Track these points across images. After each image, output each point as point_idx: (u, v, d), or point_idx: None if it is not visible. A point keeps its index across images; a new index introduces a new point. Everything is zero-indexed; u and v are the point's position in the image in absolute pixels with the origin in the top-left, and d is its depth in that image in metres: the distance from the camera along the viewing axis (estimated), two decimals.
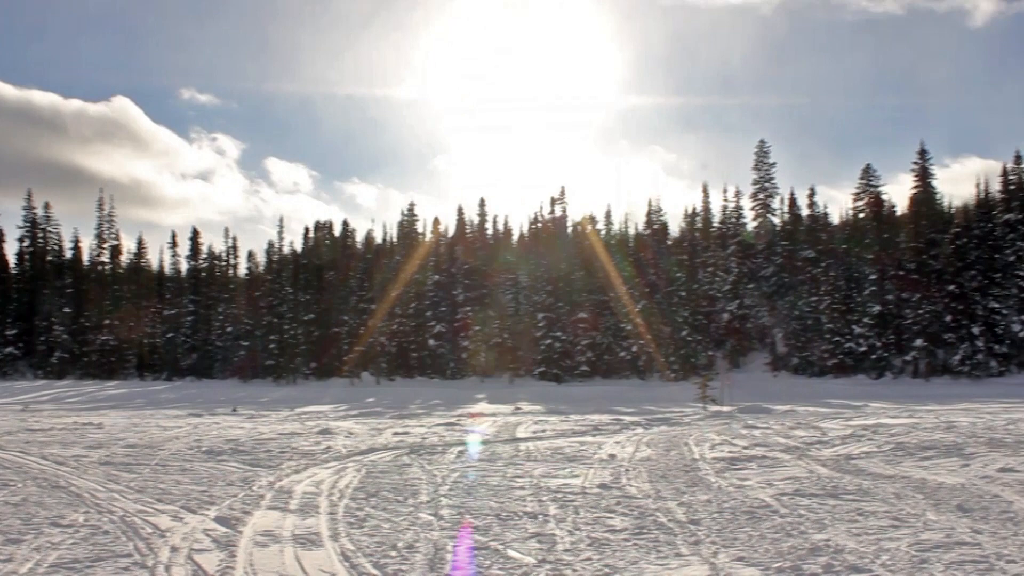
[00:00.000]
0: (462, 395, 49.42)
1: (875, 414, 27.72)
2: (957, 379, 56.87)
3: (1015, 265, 60.03)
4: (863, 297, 62.47)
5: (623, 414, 30.18)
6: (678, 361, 61.85)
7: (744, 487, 11.42)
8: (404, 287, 69.44)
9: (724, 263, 69.05)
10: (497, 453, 16.28)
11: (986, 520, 8.83)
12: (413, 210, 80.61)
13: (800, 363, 62.61)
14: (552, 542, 8.13)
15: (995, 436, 17.50)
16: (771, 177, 74.47)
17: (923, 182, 70.59)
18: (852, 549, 7.55)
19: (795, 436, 18.62)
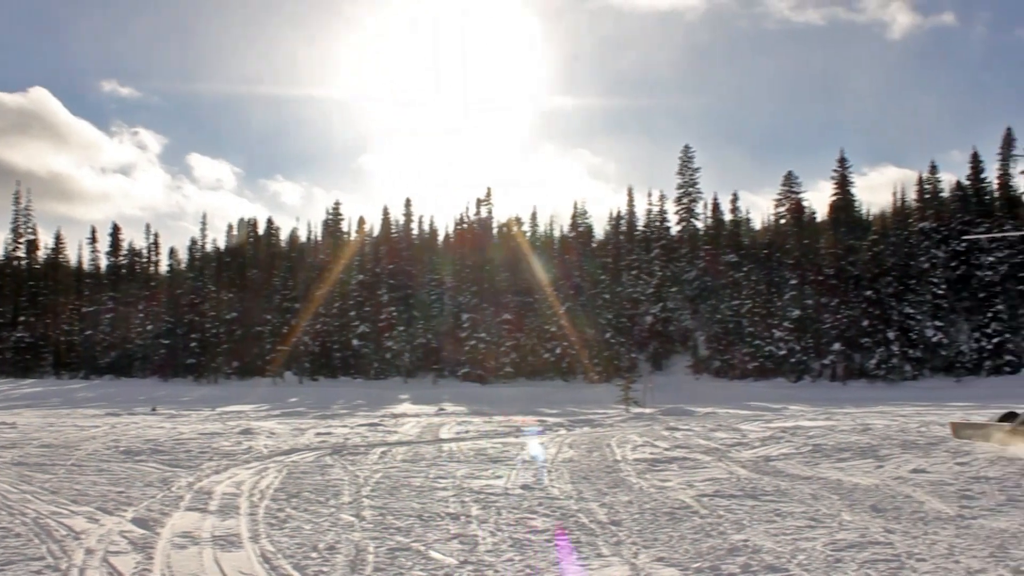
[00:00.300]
0: (385, 395, 49.24)
1: (794, 417, 28.15)
2: (873, 383, 57.99)
3: (929, 272, 61.43)
4: (783, 302, 63.44)
5: (546, 415, 30.29)
6: (601, 363, 62.19)
7: (665, 488, 11.52)
8: (328, 287, 68.96)
9: (648, 266, 69.64)
10: (420, 454, 16.24)
11: (898, 520, 9.02)
12: (338, 209, 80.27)
13: (721, 366, 63.34)
14: (474, 543, 8.13)
15: (908, 438, 17.87)
16: (695, 182, 75.35)
17: (842, 190, 72.03)
18: (769, 549, 7.67)
19: (716, 438, 18.84)
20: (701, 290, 68.40)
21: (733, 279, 66.36)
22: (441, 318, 67.95)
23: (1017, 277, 60.66)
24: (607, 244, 77.29)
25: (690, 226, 75.20)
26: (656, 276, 68.61)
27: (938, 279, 61.35)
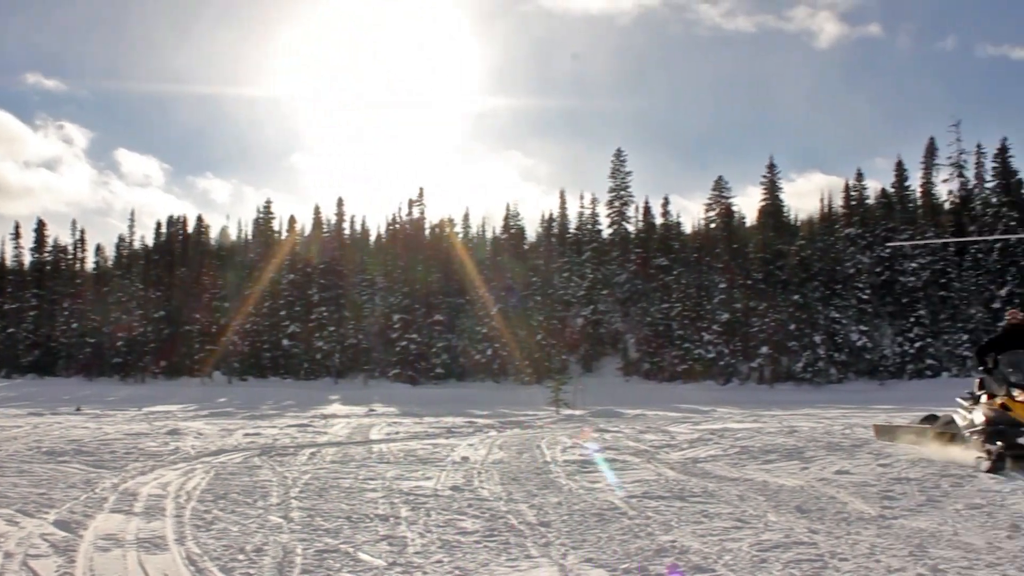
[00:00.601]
0: (316, 396, 48.88)
1: (722, 419, 28.45)
2: (799, 385, 58.87)
3: (855, 277, 62.55)
4: (712, 305, 64.14)
5: (477, 416, 30.30)
6: (532, 365, 62.32)
7: (594, 490, 11.59)
8: (259, 286, 68.29)
9: (579, 269, 69.93)
10: (350, 455, 16.16)
11: (822, 520, 9.16)
12: (269, 208, 79.64)
13: (651, 368, 63.84)
14: (403, 544, 8.11)
15: (833, 440, 18.17)
16: (627, 185, 75.85)
17: (771, 195, 73.01)
18: (697, 550, 7.74)
19: (645, 440, 18.98)
20: (632, 293, 68.88)
21: (663, 282, 66.94)
22: (372, 319, 67.64)
23: (939, 283, 62.01)
24: (539, 246, 77.49)
25: (621, 229, 75.68)
26: (587, 278, 68.93)
27: (863, 284, 62.50)
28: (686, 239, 75.48)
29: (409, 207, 77.26)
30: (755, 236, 69.86)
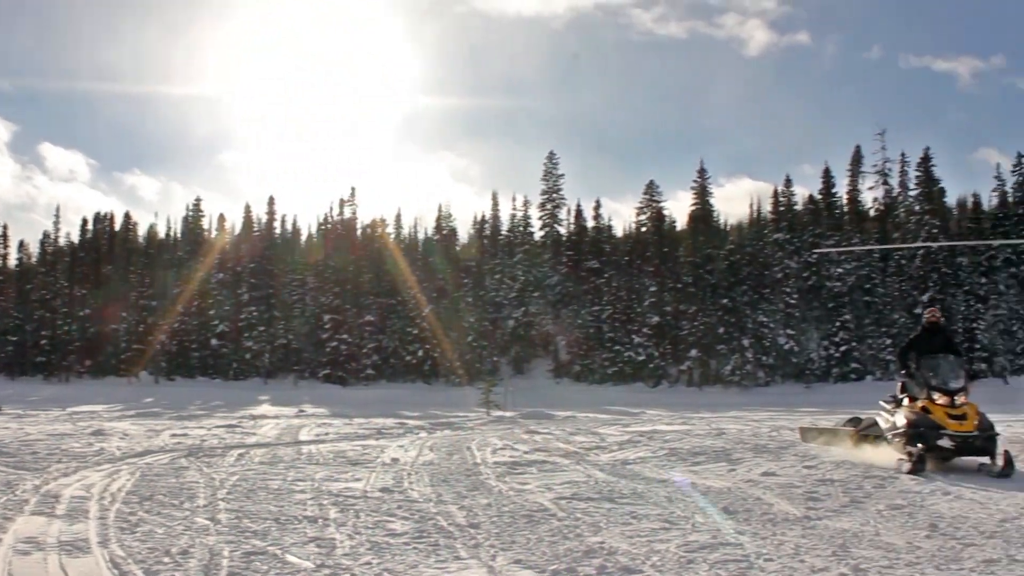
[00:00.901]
0: (244, 396, 48.37)
1: (651, 421, 28.62)
2: (728, 388, 59.55)
3: (782, 282, 63.44)
4: (643, 308, 64.65)
5: (408, 418, 30.19)
6: (464, 366, 62.33)
7: (524, 491, 11.61)
8: (187, 285, 67.38)
9: (511, 271, 70.07)
10: (279, 456, 16.02)
11: (749, 522, 9.28)
12: (199, 206, 78.61)
13: (582, 370, 64.18)
14: (332, 546, 8.06)
15: (760, 442, 18.38)
16: (559, 188, 76.22)
17: (701, 200, 73.76)
18: (625, 551, 7.80)
19: (575, 441, 19.04)
20: (563, 295, 69.19)
21: (595, 285, 67.35)
22: (303, 319, 67.15)
23: (863, 289, 63.14)
24: (471, 247, 77.57)
25: (553, 232, 76.00)
26: (519, 280, 69.09)
27: (791, 289, 63.44)
28: (617, 242, 76.05)
29: (341, 207, 76.90)
30: (685, 240, 70.58)
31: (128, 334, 66.29)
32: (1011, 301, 62.94)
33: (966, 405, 13.55)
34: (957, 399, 13.58)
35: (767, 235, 69.33)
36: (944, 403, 13.54)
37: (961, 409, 13.44)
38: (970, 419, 13.28)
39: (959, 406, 13.49)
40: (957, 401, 13.56)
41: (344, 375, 63.23)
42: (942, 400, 13.57)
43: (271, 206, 77.78)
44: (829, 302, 63.13)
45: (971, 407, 13.53)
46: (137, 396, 47.98)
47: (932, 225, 64.09)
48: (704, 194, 74.23)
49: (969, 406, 13.54)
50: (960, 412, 13.38)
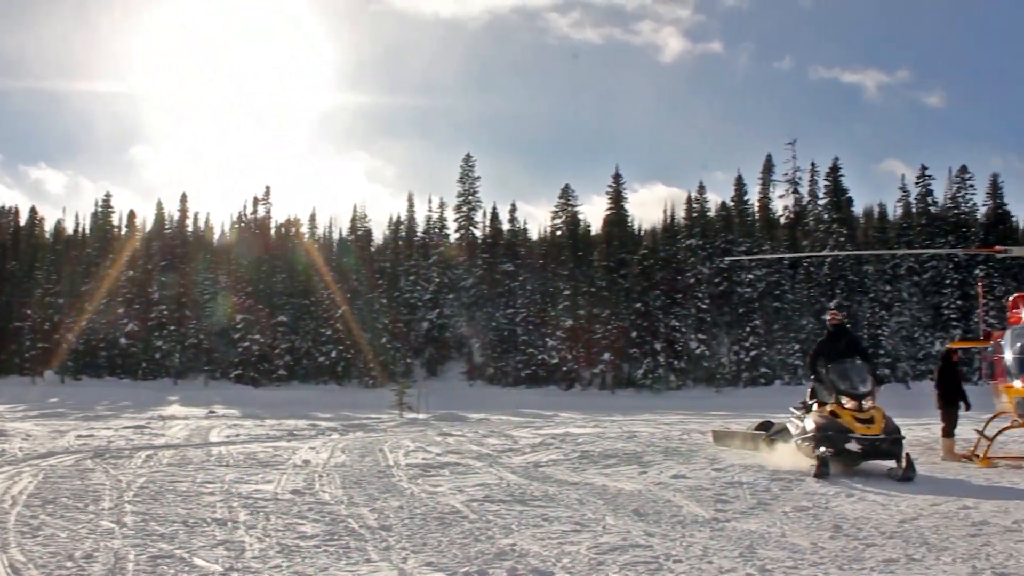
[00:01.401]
0: (154, 397, 47.50)
1: (564, 423, 28.79)
2: (640, 391, 60.09)
3: (695, 287, 64.25)
4: (557, 311, 64.93)
5: (320, 419, 29.96)
6: (377, 368, 62.01)
7: (436, 493, 11.60)
8: (96, 282, 65.93)
9: (426, 272, 69.92)
10: (188, 458, 15.79)
11: (658, 523, 9.39)
12: (109, 202, 76.94)
13: (495, 373, 64.26)
14: (241, 549, 7.97)
15: (671, 445, 18.63)
16: (475, 190, 76.24)
17: (616, 205, 74.42)
18: (536, 553, 7.84)
19: (487, 444, 19.09)
20: (477, 298, 69.19)
21: (509, 288, 67.50)
22: (214, 318, 66.16)
23: (773, 295, 64.24)
24: (386, 248, 77.23)
25: (469, 234, 76.00)
26: (433, 282, 68.98)
27: (702, 294, 64.26)
28: (532, 245, 76.33)
29: (255, 205, 76.04)
30: (600, 244, 71.11)
31: (33, 332, 64.56)
32: (913, 308, 64.61)
33: (873, 409, 13.81)
34: (865, 403, 13.86)
35: (680, 241, 70.18)
36: (852, 407, 13.79)
37: (868, 413, 13.70)
38: (877, 423, 13.55)
39: (866, 410, 13.75)
40: (865, 405, 13.82)
41: (256, 376, 62.44)
42: (850, 404, 13.83)
43: (183, 203, 76.62)
44: (740, 308, 64.14)
45: (878, 411, 13.80)
46: (42, 396, 46.83)
47: (840, 233, 65.52)
48: (619, 199, 74.90)
49: (876, 410, 13.80)
50: (867, 416, 13.64)
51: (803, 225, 72.44)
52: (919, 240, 67.76)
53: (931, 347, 61.69)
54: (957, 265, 65.19)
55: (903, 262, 66.00)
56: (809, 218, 72.63)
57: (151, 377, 63.38)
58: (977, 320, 31.84)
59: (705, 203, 74.05)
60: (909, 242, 67.91)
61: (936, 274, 66.12)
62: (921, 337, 63.41)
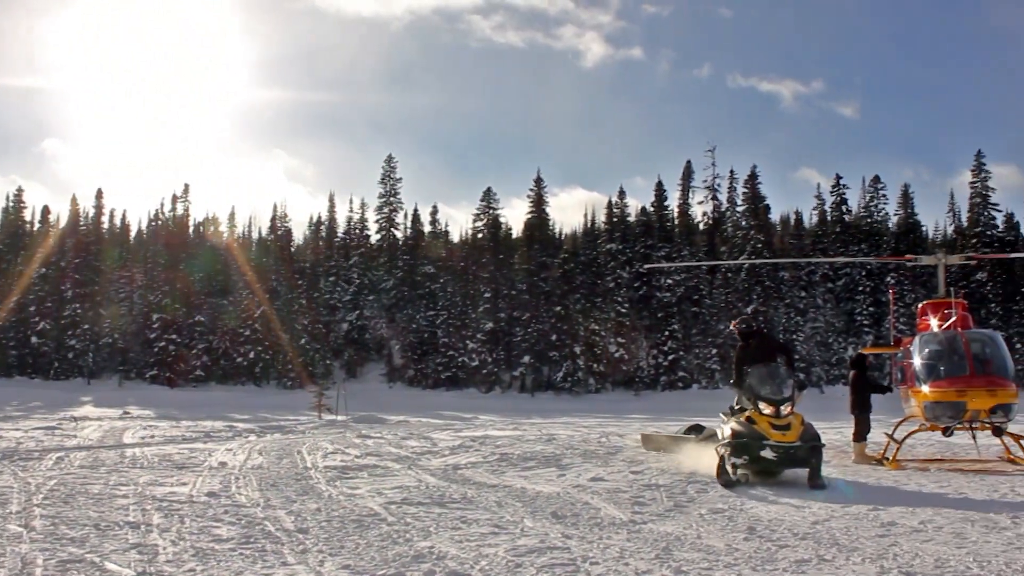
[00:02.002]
0: (66, 397, 46.54)
1: (483, 426, 28.85)
2: (559, 394, 60.41)
3: (614, 291, 64.79)
4: (477, 314, 65.02)
5: (237, 421, 29.64)
6: (296, 369, 61.47)
7: (354, 496, 11.54)
8: (6, 279, 64.38)
9: (346, 274, 69.53)
10: (100, 460, 15.50)
11: (576, 526, 9.44)
12: (20, 197, 75.20)
13: (415, 375, 64.11)
14: (154, 553, 7.85)
15: (589, 448, 18.75)
16: (397, 191, 76.12)
17: (538, 208, 74.72)
18: (454, 555, 7.84)
19: (407, 446, 19.05)
20: (398, 299, 69.01)
21: (430, 290, 67.42)
22: (130, 317, 65.02)
23: (691, 299, 65.00)
24: (306, 249, 76.67)
25: (390, 235, 75.78)
26: (354, 283, 68.65)
27: (622, 298, 64.79)
28: (454, 248, 76.36)
29: (173, 203, 74.97)
30: (521, 248, 71.34)
31: None
32: (828, 315, 65.86)
33: (792, 415, 13.56)
34: (783, 409, 13.58)
35: (600, 245, 70.71)
36: (770, 413, 13.54)
37: (786, 419, 13.46)
38: (794, 429, 13.31)
39: (784, 416, 13.50)
40: (783, 411, 13.56)
41: (172, 376, 61.46)
42: (768, 410, 13.57)
43: (99, 199, 75.17)
44: (659, 312, 64.81)
45: (797, 417, 13.56)
46: None
47: (757, 240, 66.56)
48: (540, 203, 75.26)
49: (795, 416, 13.57)
50: (784, 423, 13.41)
51: (722, 231, 73.49)
52: (834, 247, 69.16)
53: (844, 352, 62.98)
54: (870, 273, 66.60)
55: (818, 269, 67.29)
56: (727, 224, 73.70)
57: (63, 377, 62.08)
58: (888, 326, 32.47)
59: (625, 208, 74.81)
60: (824, 249, 69.31)
61: (849, 281, 67.53)
62: (835, 342, 64.66)
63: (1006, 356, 16.45)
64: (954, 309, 17.25)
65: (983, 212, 70.23)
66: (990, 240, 67.50)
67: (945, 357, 16.36)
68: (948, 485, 13.03)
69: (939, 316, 17.68)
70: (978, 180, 70.78)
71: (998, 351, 16.47)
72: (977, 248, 62.95)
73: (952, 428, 16.14)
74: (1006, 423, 15.87)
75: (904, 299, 57.26)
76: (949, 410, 15.73)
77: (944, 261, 19.73)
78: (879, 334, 61.11)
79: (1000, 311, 63.97)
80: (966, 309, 18.08)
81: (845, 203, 73.74)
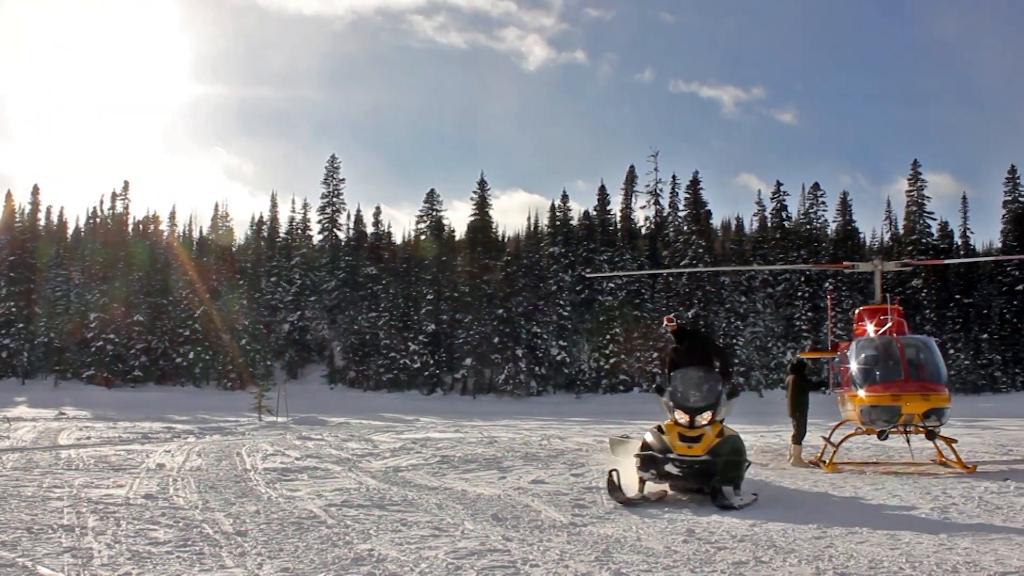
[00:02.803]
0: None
1: (424, 428, 28.82)
2: (501, 397, 60.49)
3: (557, 294, 64.98)
4: (419, 316, 64.86)
5: (176, 422, 29.35)
6: (236, 370, 60.93)
7: (294, 498, 11.48)
8: None
9: (288, 274, 69.03)
10: (34, 461, 15.26)
11: (517, 528, 9.46)
12: None
13: (357, 377, 63.84)
14: (88, 556, 7.74)
15: (530, 451, 18.80)
16: (340, 192, 75.65)
17: (481, 211, 74.74)
18: (394, 558, 7.82)
19: (347, 448, 18.98)
20: (340, 300, 68.67)
21: (372, 291, 67.15)
22: (67, 316, 64.03)
23: (633, 303, 65.36)
24: (248, 249, 76.04)
25: (332, 236, 75.38)
26: (296, 284, 68.17)
27: (564, 301, 65.01)
28: (396, 249, 76.16)
29: (113, 200, 73.89)
30: (463, 250, 71.32)
31: None
32: (767, 320, 66.61)
33: (709, 426, 12.17)
34: (700, 418, 12.22)
35: (544, 248, 70.92)
36: (684, 423, 12.22)
37: (699, 431, 12.09)
38: (705, 442, 11.92)
39: (698, 428, 12.14)
40: (699, 421, 12.20)
41: (109, 376, 60.62)
42: (683, 419, 12.24)
43: (35, 196, 73.69)
44: (600, 315, 65.07)
45: (715, 428, 12.15)
46: None
47: (699, 245, 67.05)
48: (484, 205, 75.31)
49: (713, 427, 12.15)
50: (696, 434, 12.06)
51: (664, 236, 74.03)
52: (774, 253, 70.02)
53: (783, 357, 63.74)
54: (809, 278, 67.43)
55: (758, 274, 67.99)
56: (669, 229, 74.29)
57: None
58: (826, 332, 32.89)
59: (568, 212, 74.99)
60: (764, 255, 70.16)
61: (789, 286, 68.33)
62: (774, 347, 65.38)
63: (939, 362, 16.77)
64: (890, 315, 17.55)
65: (919, 220, 71.45)
66: (925, 248, 68.65)
67: (881, 362, 16.64)
68: (882, 488, 13.23)
69: (875, 322, 17.98)
70: (914, 189, 72.03)
71: (932, 357, 16.78)
72: (913, 255, 63.98)
73: (887, 432, 16.41)
74: (939, 427, 16.16)
75: (842, 304, 58.08)
76: (884, 414, 15.97)
77: (881, 268, 20.06)
78: (818, 339, 61.88)
79: (934, 317, 65.12)
80: (902, 315, 18.41)
81: (785, 209, 74.67)
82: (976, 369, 64.07)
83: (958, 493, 12.45)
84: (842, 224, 76.79)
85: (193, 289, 63.96)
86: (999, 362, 65.18)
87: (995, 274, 69.84)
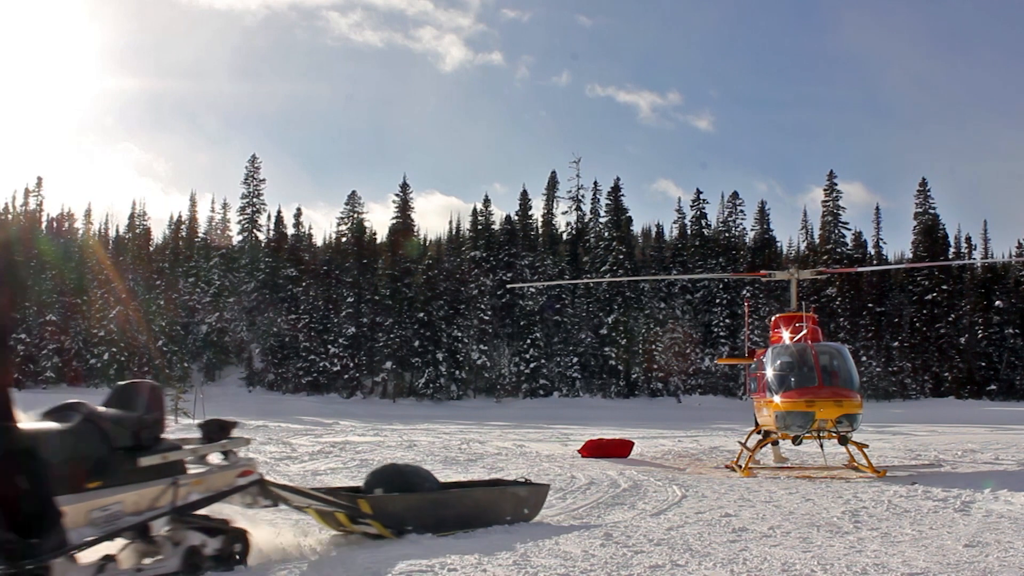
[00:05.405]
0: None
1: (344, 432, 28.66)
2: (421, 400, 60.37)
3: (478, 299, 65.01)
4: (340, 319, 64.47)
5: None
6: (152, 371, 59.90)
7: None
8: None
9: (206, 275, 68.12)
10: None
11: None
12: None
13: (275, 379, 63.26)
14: None
15: (450, 455, 18.82)
16: (260, 192, 74.83)
17: (403, 214, 74.49)
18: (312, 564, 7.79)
19: (265, 451, 18.80)
20: (259, 302, 67.93)
21: (292, 293, 66.57)
22: None
23: (553, 308, 65.67)
24: (165, 248, 74.90)
25: (252, 237, 74.55)
26: (214, 285, 67.28)
27: (485, 306, 65.07)
28: (317, 251, 75.59)
29: (25, 197, 72.31)
30: (385, 253, 70.99)
31: None
32: (686, 325, 67.35)
33: None
34: None
35: (465, 252, 70.93)
36: None
37: None
38: None
39: None
40: None
41: (20, 378, 59.21)
42: None
43: None
44: (521, 320, 65.27)
45: None
46: None
47: (619, 252, 67.60)
48: (405, 208, 75.10)
49: None
50: None
51: (585, 242, 74.44)
52: (693, 261, 70.92)
53: (701, 363, 64.61)
54: (727, 286, 68.39)
55: (677, 281, 68.72)
56: (591, 235, 74.74)
57: None
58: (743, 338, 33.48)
59: (490, 216, 75.05)
60: (684, 262, 71.04)
61: (707, 293, 69.25)
62: (692, 353, 66.14)
63: (852, 369, 17.18)
64: (805, 322, 17.90)
65: (834, 230, 73.00)
66: (840, 257, 70.13)
67: (795, 369, 16.99)
68: (796, 492, 13.49)
69: (791, 329, 18.34)
70: (830, 199, 73.61)
71: (845, 364, 17.18)
72: (828, 264, 65.26)
73: (801, 437, 16.75)
74: (851, 432, 16.55)
75: (759, 312, 59.02)
76: (798, 419, 16.31)
77: (796, 276, 20.46)
78: (735, 345, 62.82)
79: (848, 325, 66.59)
80: (816, 323, 18.79)
81: (705, 217, 75.64)
82: (887, 376, 65.68)
83: (868, 497, 12.76)
84: (760, 232, 78.12)
85: (109, 288, 62.79)
86: (909, 369, 66.92)
87: (906, 284, 71.73)
